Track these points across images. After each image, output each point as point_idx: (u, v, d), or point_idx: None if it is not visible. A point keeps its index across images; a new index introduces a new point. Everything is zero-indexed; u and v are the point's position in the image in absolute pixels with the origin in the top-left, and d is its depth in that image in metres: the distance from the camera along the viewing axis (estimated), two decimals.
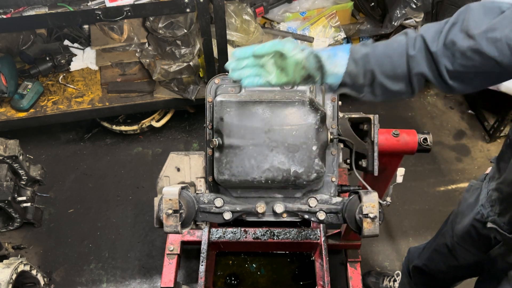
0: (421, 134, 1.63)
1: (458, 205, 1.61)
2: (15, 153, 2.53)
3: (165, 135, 3.19)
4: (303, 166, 1.30)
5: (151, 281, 2.53)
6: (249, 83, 1.15)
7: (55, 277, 2.55)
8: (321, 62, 1.11)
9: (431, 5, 2.93)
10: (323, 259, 2.18)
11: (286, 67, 1.13)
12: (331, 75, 1.11)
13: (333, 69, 1.10)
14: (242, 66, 1.15)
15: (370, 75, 1.10)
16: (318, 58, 1.11)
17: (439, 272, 1.80)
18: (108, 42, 2.93)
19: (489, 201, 1.38)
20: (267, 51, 1.14)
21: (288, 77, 1.14)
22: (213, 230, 2.33)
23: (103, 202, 2.84)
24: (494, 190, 1.36)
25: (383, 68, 1.09)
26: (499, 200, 1.33)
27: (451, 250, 1.65)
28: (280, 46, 1.13)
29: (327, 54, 1.12)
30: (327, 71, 1.11)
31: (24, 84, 2.78)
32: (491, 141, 3.09)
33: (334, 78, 1.11)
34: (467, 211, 1.51)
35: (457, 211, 1.60)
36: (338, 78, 1.11)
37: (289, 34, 2.88)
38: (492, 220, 1.37)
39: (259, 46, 1.14)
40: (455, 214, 1.62)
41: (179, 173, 1.49)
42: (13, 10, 2.15)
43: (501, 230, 1.34)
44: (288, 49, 1.12)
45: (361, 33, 3.09)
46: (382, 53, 1.09)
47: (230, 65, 1.16)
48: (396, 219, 2.74)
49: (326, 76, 1.12)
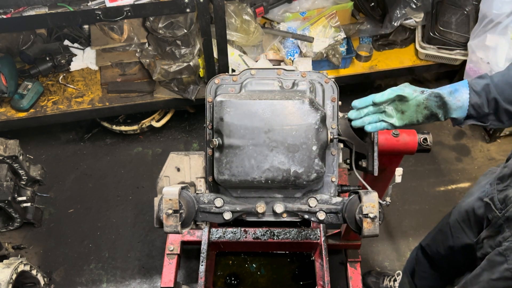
0: (421, 134, 1.63)
1: (471, 189, 1.69)
2: (15, 153, 2.53)
3: (165, 135, 3.19)
4: (303, 166, 1.30)
5: (151, 281, 2.53)
6: (373, 128, 1.27)
7: (55, 277, 2.55)
8: (444, 99, 1.20)
9: (431, 5, 2.93)
10: (323, 259, 2.18)
11: (407, 110, 1.24)
12: (455, 109, 1.21)
13: (457, 104, 1.20)
14: (363, 114, 1.28)
15: (493, 103, 1.19)
16: (440, 96, 1.21)
17: (438, 254, 1.85)
18: (108, 42, 2.93)
19: (496, 178, 1.45)
20: (388, 98, 1.23)
21: (411, 118, 1.24)
22: (213, 230, 2.33)
23: (103, 202, 2.84)
24: (504, 167, 1.43)
25: (505, 95, 1.18)
26: (505, 177, 1.40)
27: (450, 228, 1.71)
28: (400, 91, 1.22)
29: (448, 91, 1.21)
30: (451, 106, 1.20)
31: (24, 84, 2.78)
32: (491, 141, 3.09)
33: (460, 112, 1.21)
34: (476, 191, 1.58)
35: (468, 193, 1.68)
36: (464, 111, 1.20)
37: (289, 34, 2.88)
38: (490, 198, 1.44)
39: (378, 94, 1.25)
40: (465, 195, 1.69)
41: (179, 173, 1.49)
42: (13, 10, 2.15)
43: (493, 207, 1.41)
44: (408, 93, 1.22)
45: (361, 33, 3.09)
46: (502, 81, 1.19)
47: (352, 115, 1.30)
48: (396, 219, 2.74)
49: (451, 112, 1.21)
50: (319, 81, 1.40)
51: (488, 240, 1.48)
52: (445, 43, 2.95)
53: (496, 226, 1.44)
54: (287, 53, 2.94)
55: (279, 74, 1.40)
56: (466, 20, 2.90)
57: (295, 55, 2.95)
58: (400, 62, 3.11)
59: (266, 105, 1.30)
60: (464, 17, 2.90)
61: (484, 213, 1.50)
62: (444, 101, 1.20)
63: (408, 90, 1.23)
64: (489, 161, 3.01)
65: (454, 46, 2.94)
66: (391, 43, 3.15)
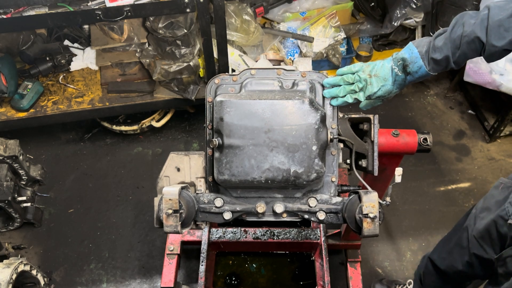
0: (421, 134, 1.63)
1: (484, 200, 1.63)
2: (15, 153, 2.53)
3: (165, 135, 3.19)
4: (303, 166, 1.30)
5: (151, 281, 2.53)
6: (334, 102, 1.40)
7: (55, 277, 2.55)
8: (406, 62, 1.28)
9: (431, 5, 2.93)
10: (323, 259, 2.18)
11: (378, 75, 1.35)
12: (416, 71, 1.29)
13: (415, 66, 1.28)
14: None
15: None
16: (403, 58, 1.29)
17: (453, 268, 1.80)
18: (108, 42, 2.93)
19: None
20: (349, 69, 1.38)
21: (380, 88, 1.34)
22: (213, 230, 2.33)
23: (103, 202, 2.84)
24: None
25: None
26: None
27: (468, 244, 1.66)
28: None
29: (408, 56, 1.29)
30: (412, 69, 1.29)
31: (24, 84, 2.78)
32: (491, 141, 3.09)
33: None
34: (494, 208, 1.53)
35: (482, 206, 1.62)
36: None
37: (289, 34, 2.88)
38: None
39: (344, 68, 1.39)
40: (480, 209, 1.63)
41: (179, 173, 1.49)
42: (13, 10, 2.15)
43: None
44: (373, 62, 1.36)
45: (361, 33, 3.09)
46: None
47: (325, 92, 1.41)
48: (396, 219, 2.74)
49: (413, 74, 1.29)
50: (319, 81, 1.40)
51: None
52: None
53: None
54: (287, 53, 2.94)
55: (279, 74, 1.40)
56: None
57: (295, 55, 2.95)
58: None
59: (266, 105, 1.30)
60: None
61: (507, 232, 1.45)
62: (406, 63, 1.28)
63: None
64: (489, 161, 3.01)
65: None
66: (391, 43, 3.15)
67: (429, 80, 3.49)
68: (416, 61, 1.27)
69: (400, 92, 1.45)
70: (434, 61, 1.25)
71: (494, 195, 1.57)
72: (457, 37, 1.21)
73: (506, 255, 1.46)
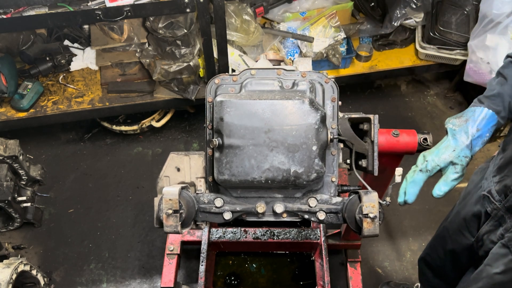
0: (421, 134, 1.62)
1: (465, 189, 1.67)
2: (15, 153, 2.53)
3: (165, 135, 3.19)
4: (303, 166, 1.30)
5: (151, 281, 2.53)
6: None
7: (55, 277, 2.55)
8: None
9: (431, 5, 2.93)
10: (323, 259, 2.18)
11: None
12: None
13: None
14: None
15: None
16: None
17: (439, 260, 1.82)
18: (108, 42, 2.93)
19: (492, 171, 1.45)
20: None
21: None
22: (213, 230, 2.33)
23: (103, 202, 2.84)
24: (501, 158, 1.43)
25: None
26: (502, 167, 1.39)
27: (448, 231, 1.70)
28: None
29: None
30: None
31: (24, 84, 2.78)
32: (491, 141, 3.09)
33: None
34: (474, 190, 1.57)
35: (465, 193, 1.65)
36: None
37: (289, 34, 2.88)
38: (488, 191, 1.43)
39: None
40: (462, 196, 1.67)
41: (179, 173, 1.49)
42: (13, 10, 2.15)
43: (493, 199, 1.40)
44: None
45: (361, 33, 3.09)
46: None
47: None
48: (396, 219, 2.74)
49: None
50: (319, 81, 1.40)
51: (489, 235, 1.45)
52: (445, 43, 2.95)
53: (496, 219, 1.41)
54: (287, 53, 2.94)
55: (279, 74, 1.40)
56: (466, 20, 2.90)
57: (295, 55, 2.95)
58: (400, 62, 3.11)
59: (266, 105, 1.30)
60: (464, 17, 2.90)
61: (482, 208, 1.47)
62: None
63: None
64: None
65: (454, 46, 2.94)
66: (391, 43, 3.15)
67: (429, 80, 3.49)
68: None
69: (400, 92, 1.45)
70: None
71: (473, 180, 1.62)
72: None
73: (483, 233, 1.48)
